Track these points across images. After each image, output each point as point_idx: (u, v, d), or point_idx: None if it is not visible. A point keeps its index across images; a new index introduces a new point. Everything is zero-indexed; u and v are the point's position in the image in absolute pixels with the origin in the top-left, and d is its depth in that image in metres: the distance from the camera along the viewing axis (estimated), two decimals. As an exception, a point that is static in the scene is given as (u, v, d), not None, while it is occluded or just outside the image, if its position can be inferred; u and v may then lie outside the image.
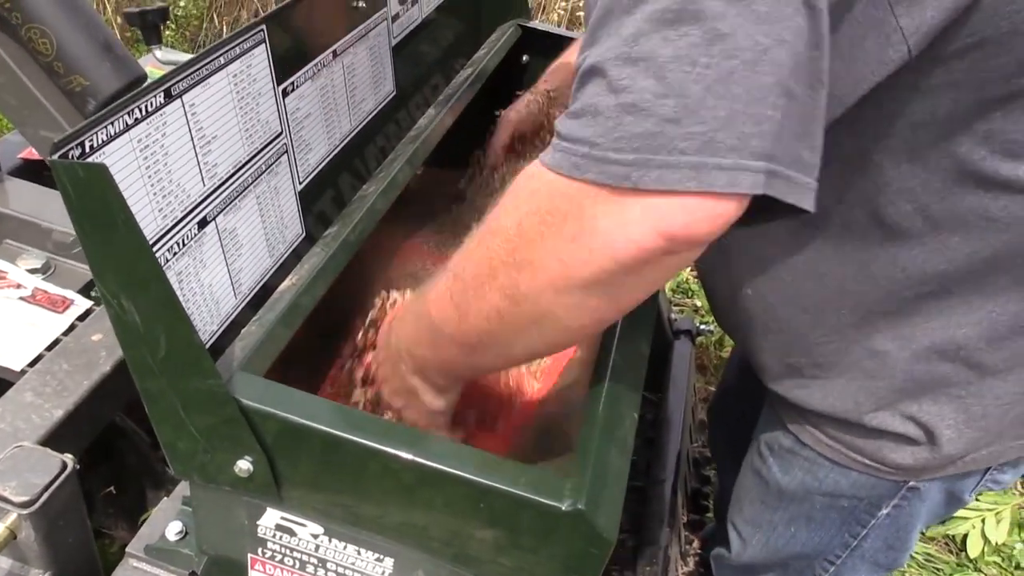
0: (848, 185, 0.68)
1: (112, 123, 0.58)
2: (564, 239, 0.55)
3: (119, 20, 3.05)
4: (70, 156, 0.55)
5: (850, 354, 0.77)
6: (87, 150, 0.56)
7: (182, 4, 3.29)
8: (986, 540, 1.80)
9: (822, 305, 0.76)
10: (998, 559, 1.83)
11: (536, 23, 1.43)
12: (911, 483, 0.83)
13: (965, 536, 1.82)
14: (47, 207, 1.14)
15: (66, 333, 1.00)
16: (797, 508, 0.91)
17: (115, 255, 0.56)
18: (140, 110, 0.61)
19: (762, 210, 0.53)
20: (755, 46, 0.48)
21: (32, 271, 1.09)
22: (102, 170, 0.52)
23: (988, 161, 0.63)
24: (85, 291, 1.08)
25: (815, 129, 0.52)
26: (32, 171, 1.27)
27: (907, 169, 0.65)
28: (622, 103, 0.50)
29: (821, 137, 0.53)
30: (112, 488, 1.18)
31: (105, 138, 0.58)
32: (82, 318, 1.03)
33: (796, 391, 0.83)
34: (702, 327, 1.63)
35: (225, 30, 3.37)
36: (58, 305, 1.04)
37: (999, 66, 0.58)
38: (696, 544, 1.53)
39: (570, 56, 1.24)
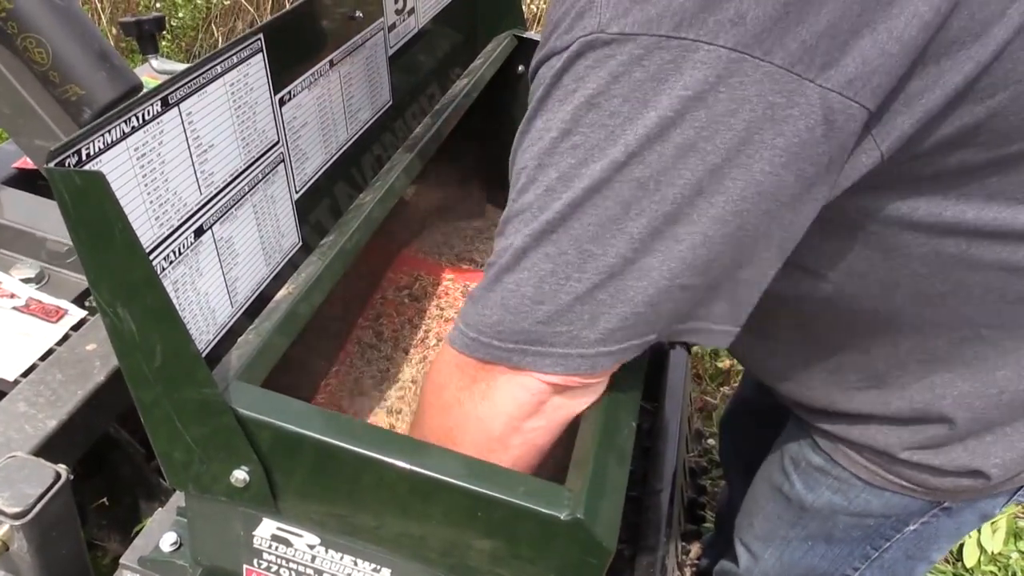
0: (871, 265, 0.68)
1: (109, 131, 0.58)
2: (477, 398, 0.66)
3: (115, 30, 3.05)
4: (67, 164, 0.54)
5: (890, 402, 0.76)
6: (84, 158, 0.56)
7: (180, 15, 3.29)
8: (982, 550, 1.80)
9: (866, 360, 0.75)
10: (994, 568, 1.83)
11: (532, 33, 1.44)
12: (945, 503, 0.82)
13: (961, 546, 1.82)
14: (41, 217, 1.14)
15: (60, 343, 1.00)
16: (819, 525, 0.89)
17: (111, 264, 0.55)
18: (137, 118, 0.61)
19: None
20: (623, 262, 0.57)
21: (26, 281, 1.08)
22: (99, 178, 0.52)
23: (1006, 214, 0.62)
24: (79, 301, 1.07)
25: (711, 293, 0.59)
26: (26, 181, 1.27)
27: (914, 243, 0.65)
28: (505, 304, 0.61)
29: (732, 305, 0.60)
30: (105, 499, 1.17)
31: (102, 146, 0.57)
32: (76, 328, 1.03)
33: (834, 426, 0.82)
34: (697, 337, 1.63)
35: (221, 40, 3.37)
36: (52, 315, 1.03)
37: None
38: (693, 554, 1.52)
39: None
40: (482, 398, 0.66)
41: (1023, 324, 0.68)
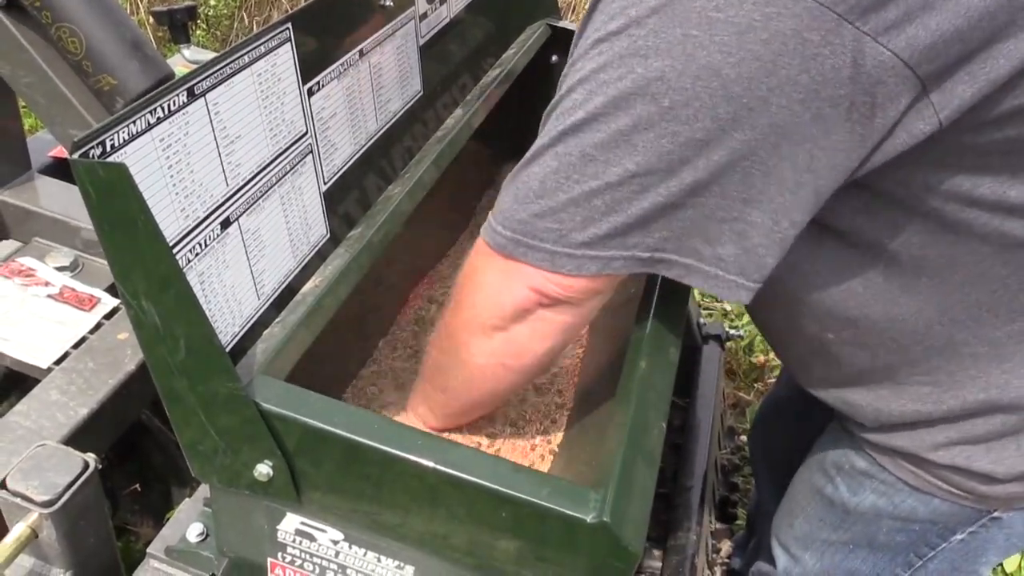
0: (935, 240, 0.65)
1: (134, 122, 0.58)
2: (475, 287, 0.71)
3: (151, 20, 3.08)
4: (91, 155, 0.54)
5: (943, 400, 0.73)
6: (108, 149, 0.55)
7: (212, 3, 3.31)
8: (1024, 554, 1.75)
9: (918, 354, 0.72)
10: (1036, 574, 1.78)
11: (566, 23, 1.42)
12: (995, 513, 0.79)
13: (1002, 550, 1.77)
14: (77, 205, 1.15)
15: (93, 331, 1.01)
16: (862, 529, 0.87)
17: (135, 256, 0.55)
18: (163, 109, 0.60)
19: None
20: (624, 172, 0.58)
21: (60, 269, 1.09)
22: (122, 170, 0.51)
23: None
24: (112, 289, 1.08)
25: (716, 227, 0.59)
26: (62, 169, 1.28)
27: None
28: (516, 195, 0.64)
29: (742, 251, 0.59)
30: (138, 485, 1.19)
31: (127, 137, 0.57)
32: (109, 316, 1.03)
33: (881, 429, 0.79)
34: (731, 332, 1.60)
35: (255, 29, 3.39)
36: (85, 303, 1.04)
37: None
38: (724, 552, 1.50)
39: None
40: (478, 288, 0.70)
41: None
